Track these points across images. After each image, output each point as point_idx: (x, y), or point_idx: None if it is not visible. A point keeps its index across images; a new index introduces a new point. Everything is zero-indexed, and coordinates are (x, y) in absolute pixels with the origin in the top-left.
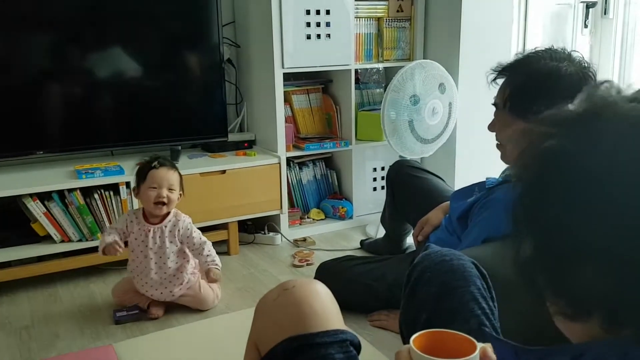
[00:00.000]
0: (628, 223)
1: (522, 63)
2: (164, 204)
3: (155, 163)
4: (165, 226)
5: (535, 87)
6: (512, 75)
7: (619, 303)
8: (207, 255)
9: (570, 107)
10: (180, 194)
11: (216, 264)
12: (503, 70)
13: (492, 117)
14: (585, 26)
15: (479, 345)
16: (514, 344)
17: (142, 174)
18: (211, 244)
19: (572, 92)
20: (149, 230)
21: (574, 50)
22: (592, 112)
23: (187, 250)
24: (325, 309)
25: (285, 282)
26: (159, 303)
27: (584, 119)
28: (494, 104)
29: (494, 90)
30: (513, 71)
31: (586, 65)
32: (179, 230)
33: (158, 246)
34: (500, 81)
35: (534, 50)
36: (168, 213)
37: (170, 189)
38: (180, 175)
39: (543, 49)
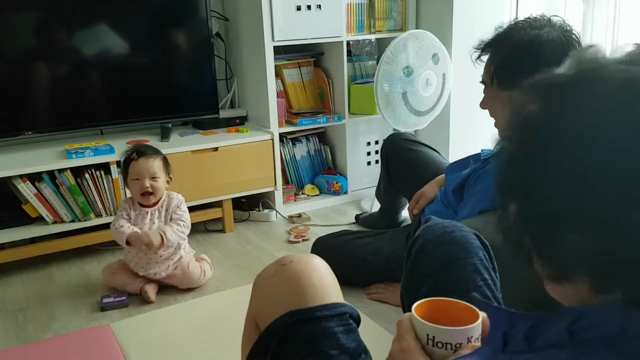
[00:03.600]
0: (612, 187)
1: (503, 36)
2: (150, 193)
3: (134, 154)
4: (162, 207)
5: (519, 58)
6: (495, 51)
7: (605, 266)
8: (173, 232)
9: (557, 72)
10: (169, 179)
11: (168, 238)
12: (485, 47)
13: (483, 95)
14: None
15: (482, 314)
16: (509, 310)
17: (125, 167)
18: (185, 228)
19: (556, 57)
20: (147, 213)
21: (554, 15)
22: (577, 77)
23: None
24: (324, 283)
25: (283, 258)
26: (152, 284)
27: (567, 84)
28: (482, 82)
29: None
30: (495, 46)
31: (568, 28)
32: (171, 207)
33: (156, 226)
34: (484, 58)
35: (513, 22)
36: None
37: (153, 178)
38: (166, 160)
39: (522, 19)
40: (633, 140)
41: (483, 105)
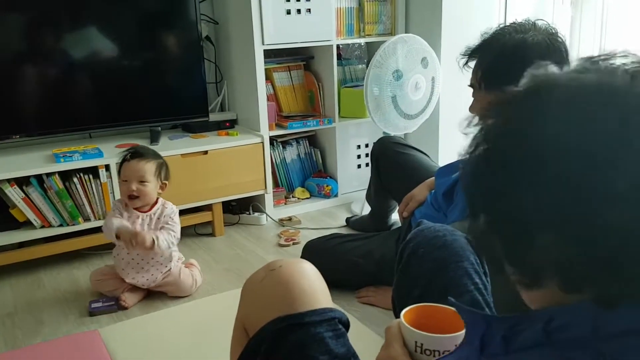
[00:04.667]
0: (572, 189)
1: (489, 42)
2: (136, 197)
3: (127, 155)
4: (154, 214)
5: (505, 62)
6: (481, 55)
7: (573, 268)
8: (164, 238)
9: (516, 87)
10: (164, 184)
11: (156, 237)
12: (472, 53)
13: (472, 99)
14: None
15: None
16: (487, 314)
17: (119, 166)
18: (174, 239)
19: (541, 59)
20: (138, 217)
21: (539, 19)
22: (530, 88)
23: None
24: (313, 288)
25: (272, 262)
26: (135, 292)
27: (521, 95)
28: (470, 85)
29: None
30: (482, 51)
31: (553, 31)
32: (164, 217)
33: (146, 232)
34: (472, 64)
35: (499, 27)
36: (156, 202)
37: (141, 181)
38: (162, 165)
39: (508, 24)
40: (589, 142)
41: (472, 109)
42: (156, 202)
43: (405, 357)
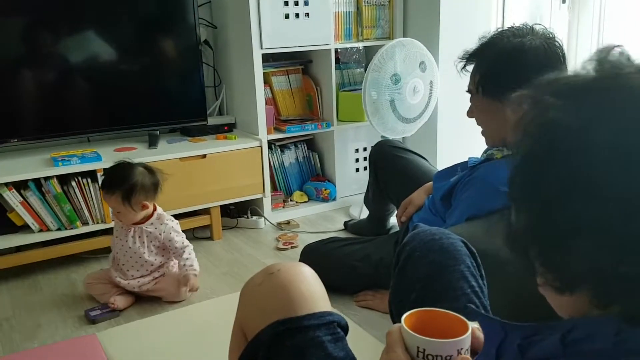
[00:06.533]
0: (628, 201)
1: (486, 46)
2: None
3: (101, 185)
4: (147, 227)
5: (503, 66)
6: (479, 60)
7: (609, 279)
8: (187, 259)
9: (578, 72)
10: (144, 204)
11: (194, 270)
12: (470, 57)
13: (470, 104)
14: (564, 1)
15: (471, 324)
16: (502, 321)
17: None
18: (192, 247)
19: (539, 63)
20: (129, 230)
21: (537, 24)
22: (601, 83)
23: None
24: (312, 292)
25: (270, 266)
26: (125, 296)
27: (591, 90)
28: (468, 91)
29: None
30: (479, 56)
31: (550, 36)
32: (160, 234)
33: (137, 246)
34: (469, 68)
35: (497, 32)
36: (151, 215)
37: (116, 211)
38: (127, 192)
39: (505, 28)
40: None
41: (470, 114)
42: (151, 215)
43: None
